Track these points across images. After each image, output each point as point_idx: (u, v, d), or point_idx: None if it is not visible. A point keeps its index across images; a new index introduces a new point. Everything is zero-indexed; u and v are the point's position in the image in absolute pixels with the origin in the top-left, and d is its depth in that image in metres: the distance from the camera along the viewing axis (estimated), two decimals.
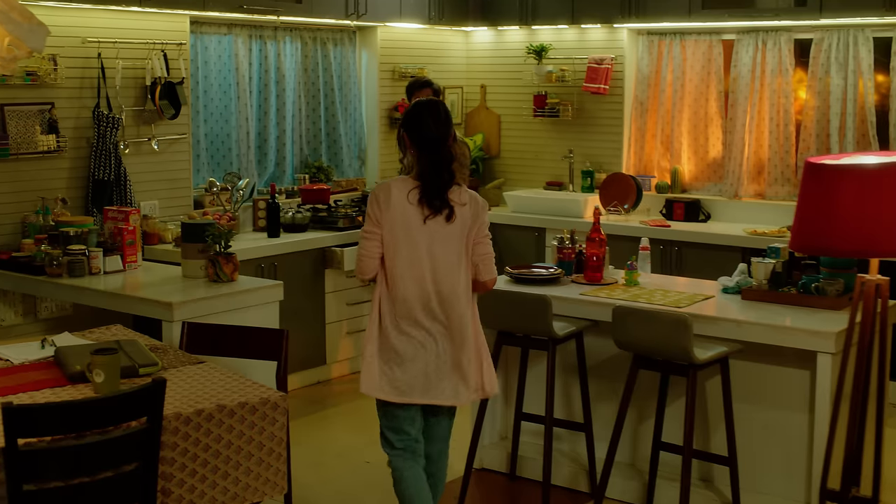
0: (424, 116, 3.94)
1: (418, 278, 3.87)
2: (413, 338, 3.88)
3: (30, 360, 3.82)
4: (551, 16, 7.73)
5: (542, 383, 5.03)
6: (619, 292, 4.91)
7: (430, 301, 3.88)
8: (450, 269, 3.91)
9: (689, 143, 7.58)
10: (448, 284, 3.90)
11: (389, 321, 3.90)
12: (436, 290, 3.88)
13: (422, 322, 3.88)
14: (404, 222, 3.87)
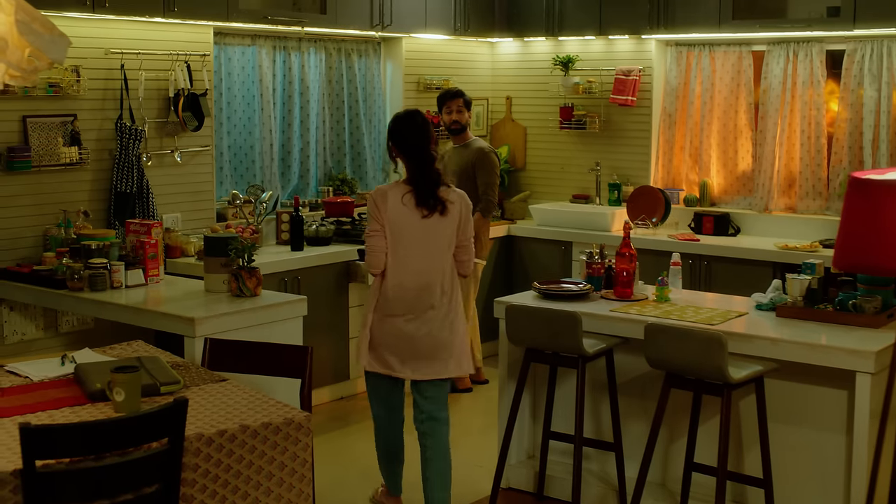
0: (403, 126, 4.56)
1: (411, 271, 4.46)
2: (406, 321, 4.46)
3: (49, 377, 3.74)
4: (578, 27, 7.63)
5: (570, 401, 4.93)
6: (650, 309, 4.80)
7: (422, 289, 4.46)
8: (440, 262, 4.50)
9: (719, 156, 7.46)
10: (438, 275, 4.49)
11: (385, 307, 4.49)
12: (427, 281, 4.47)
13: (413, 307, 4.47)
14: (398, 222, 4.44)
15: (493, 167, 6.64)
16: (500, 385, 5.19)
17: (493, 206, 6.68)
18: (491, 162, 6.64)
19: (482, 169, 6.61)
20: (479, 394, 6.82)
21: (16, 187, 5.50)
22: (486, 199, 6.61)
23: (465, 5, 7.62)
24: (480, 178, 6.60)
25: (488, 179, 6.62)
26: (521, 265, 7.65)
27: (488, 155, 6.66)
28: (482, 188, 6.60)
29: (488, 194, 6.61)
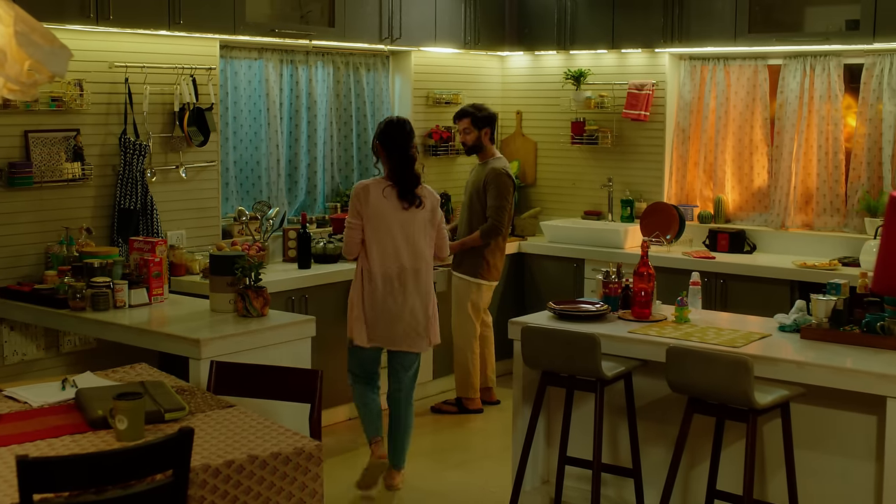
0: (394, 130, 5.25)
1: (392, 255, 5.13)
2: (386, 301, 5.13)
3: (49, 402, 3.60)
4: (590, 41, 7.50)
5: (586, 425, 4.78)
6: (669, 330, 4.65)
7: (401, 273, 5.15)
8: (418, 248, 5.19)
9: (734, 172, 7.32)
10: (415, 260, 5.18)
11: (368, 289, 5.15)
12: (404, 265, 5.15)
13: (393, 289, 5.14)
14: (379, 213, 5.12)
15: (503, 189, 6.41)
16: (514, 408, 5.03)
17: (496, 230, 6.41)
18: (501, 184, 6.42)
19: (492, 191, 6.42)
20: (490, 415, 6.67)
21: (17, 204, 5.37)
22: (490, 221, 6.40)
23: (475, 19, 7.49)
24: (489, 200, 6.43)
25: (496, 202, 6.41)
26: (532, 283, 7.50)
27: (500, 177, 6.44)
28: (489, 210, 6.41)
29: (494, 217, 6.40)
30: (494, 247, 6.50)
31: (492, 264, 6.49)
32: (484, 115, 6.55)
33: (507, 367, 7.44)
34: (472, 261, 6.49)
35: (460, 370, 6.65)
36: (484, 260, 6.48)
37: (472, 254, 6.48)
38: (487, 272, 6.49)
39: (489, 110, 6.61)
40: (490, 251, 6.47)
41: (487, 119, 6.56)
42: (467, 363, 6.61)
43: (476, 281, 6.51)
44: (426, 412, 6.69)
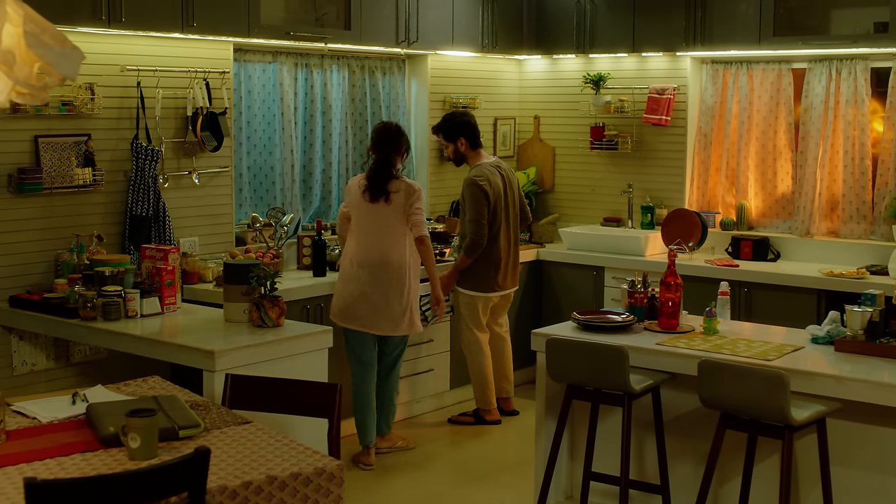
0: (376, 132, 5.75)
1: (368, 244, 5.59)
2: (363, 287, 5.56)
3: (59, 418, 3.46)
4: (610, 44, 7.36)
5: (611, 439, 4.63)
6: (698, 342, 4.50)
7: (373, 262, 5.56)
8: (387, 240, 5.58)
9: (757, 178, 7.16)
10: (384, 251, 5.58)
11: (351, 273, 5.61)
12: (376, 255, 5.57)
13: (370, 276, 5.57)
14: (355, 206, 5.65)
15: (474, 201, 6.19)
16: (536, 420, 4.89)
17: (476, 245, 6.20)
18: (472, 196, 6.21)
19: (466, 204, 6.26)
20: (508, 426, 6.52)
21: (27, 210, 5.24)
22: (469, 237, 6.22)
23: (492, 21, 7.36)
24: (466, 214, 6.27)
25: (470, 215, 6.21)
26: (550, 291, 7.35)
27: (469, 188, 6.24)
28: (467, 225, 6.25)
29: (471, 232, 6.20)
30: (484, 258, 6.30)
31: (481, 275, 6.33)
32: (452, 125, 6.38)
33: (526, 377, 7.31)
34: (465, 272, 6.36)
35: (475, 382, 6.51)
36: (472, 270, 6.33)
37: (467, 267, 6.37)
38: (477, 283, 6.34)
39: (459, 118, 6.43)
40: (482, 262, 6.30)
41: (456, 128, 6.37)
42: (479, 375, 6.46)
43: (467, 293, 6.38)
44: (443, 423, 6.54)
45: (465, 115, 6.50)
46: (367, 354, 5.70)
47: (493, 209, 6.27)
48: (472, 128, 6.41)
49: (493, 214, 6.27)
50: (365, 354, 5.70)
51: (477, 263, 6.31)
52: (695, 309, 5.07)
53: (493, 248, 6.31)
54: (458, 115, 6.48)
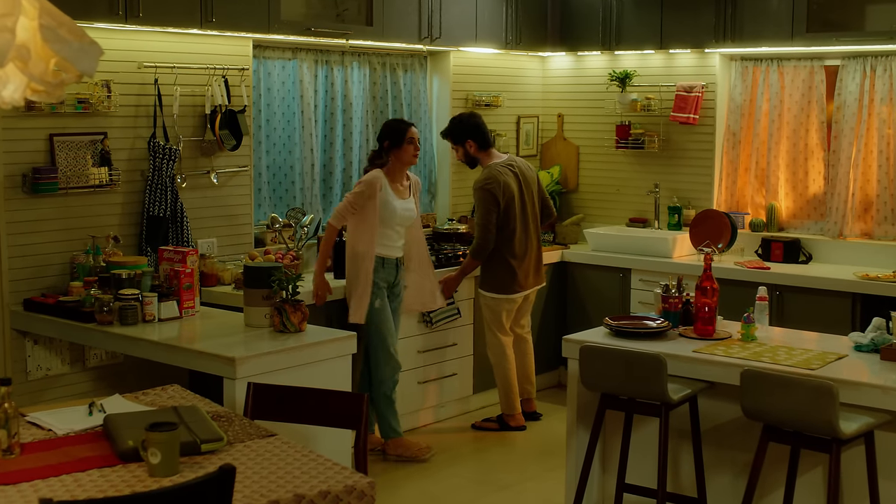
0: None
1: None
2: None
3: (75, 430, 3.31)
4: (637, 41, 7.18)
5: (645, 450, 4.47)
6: (736, 349, 4.32)
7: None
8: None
9: (787, 178, 6.98)
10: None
11: None
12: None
13: None
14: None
15: (482, 205, 6.08)
16: (568, 430, 4.72)
17: (482, 248, 6.09)
18: (480, 199, 6.09)
19: (476, 207, 6.19)
20: (532, 431, 6.36)
21: (41, 211, 5.10)
22: (474, 241, 6.14)
23: (516, 18, 7.19)
24: (475, 217, 6.19)
25: (478, 219, 6.13)
26: (575, 293, 7.18)
27: (478, 191, 6.12)
28: (475, 228, 6.17)
29: (477, 236, 6.10)
30: (502, 259, 6.16)
31: (501, 276, 6.17)
32: (459, 128, 6.25)
33: (549, 381, 7.17)
34: (484, 274, 6.25)
35: (499, 387, 6.35)
36: (494, 272, 6.18)
37: (486, 266, 6.22)
38: (498, 285, 6.19)
39: (466, 119, 6.27)
40: (501, 264, 6.15)
41: (463, 131, 6.23)
42: (503, 380, 6.30)
43: (489, 295, 6.23)
44: (466, 429, 6.38)
45: (473, 116, 6.33)
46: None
47: (506, 210, 6.11)
48: (479, 128, 6.25)
49: (505, 216, 6.12)
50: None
51: (497, 265, 6.16)
52: (726, 313, 4.89)
53: (510, 248, 6.15)
54: (464, 117, 6.31)
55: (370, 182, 5.53)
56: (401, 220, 5.64)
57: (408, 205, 5.68)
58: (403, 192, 5.68)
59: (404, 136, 5.63)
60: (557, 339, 7.12)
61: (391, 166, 5.63)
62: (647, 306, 6.68)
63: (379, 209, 5.51)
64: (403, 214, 5.63)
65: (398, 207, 5.59)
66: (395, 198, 5.59)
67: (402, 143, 5.62)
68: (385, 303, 5.63)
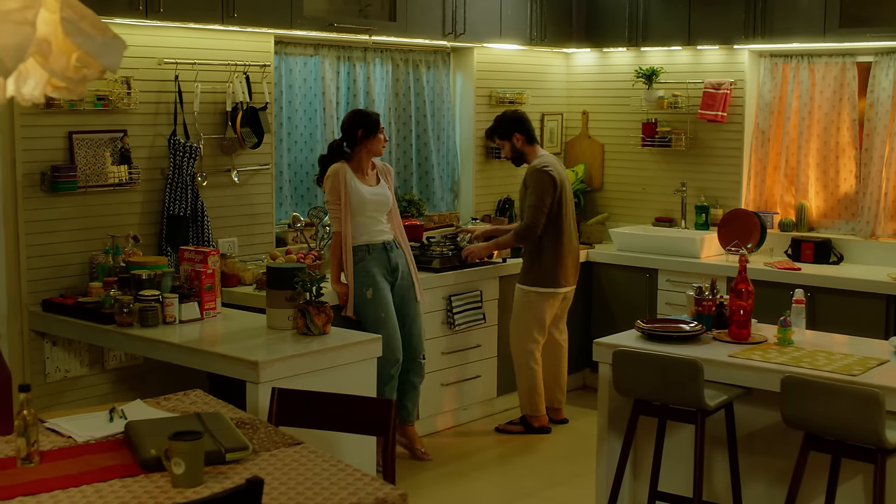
0: None
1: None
2: None
3: (96, 437, 3.21)
4: (664, 37, 7.04)
5: (677, 456, 4.34)
6: (773, 354, 4.19)
7: None
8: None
9: (818, 177, 6.83)
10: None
11: None
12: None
13: None
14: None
15: (538, 187, 5.95)
16: (598, 436, 4.60)
17: (530, 230, 5.96)
18: (538, 181, 5.97)
19: (529, 189, 6.02)
20: (558, 435, 6.24)
21: (60, 210, 5.01)
22: (524, 221, 6.01)
23: (541, 14, 7.06)
24: (527, 199, 6.04)
25: (531, 201, 5.98)
26: (600, 293, 7.05)
27: (535, 174, 6.00)
28: (525, 210, 6.02)
29: (528, 216, 5.97)
30: (552, 249, 6.04)
31: (550, 268, 6.05)
32: (506, 122, 6.14)
33: (575, 382, 7.04)
34: (529, 266, 6.08)
35: (522, 387, 6.22)
36: (541, 264, 6.04)
37: (531, 259, 6.07)
38: (544, 278, 6.05)
39: (511, 114, 6.18)
40: (550, 255, 6.03)
41: (510, 124, 6.12)
42: (528, 380, 6.18)
43: (532, 289, 6.08)
44: (490, 432, 6.27)
45: (516, 111, 6.24)
46: None
47: (560, 199, 6.01)
48: (525, 122, 6.17)
49: (559, 205, 6.01)
50: None
51: (545, 257, 6.03)
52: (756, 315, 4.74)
53: (561, 240, 6.05)
54: (508, 112, 6.23)
55: (333, 178, 5.36)
56: (373, 206, 5.44)
57: (379, 190, 5.49)
58: (370, 179, 5.49)
59: (378, 126, 5.46)
60: (582, 341, 7.05)
61: (358, 156, 5.44)
62: (675, 307, 6.57)
63: (349, 199, 5.34)
64: (375, 199, 5.44)
65: (367, 194, 5.41)
66: (362, 186, 5.41)
67: (377, 132, 5.45)
68: (380, 290, 5.40)
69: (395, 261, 5.51)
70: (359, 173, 5.44)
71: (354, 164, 5.44)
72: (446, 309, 6.04)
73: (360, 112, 5.56)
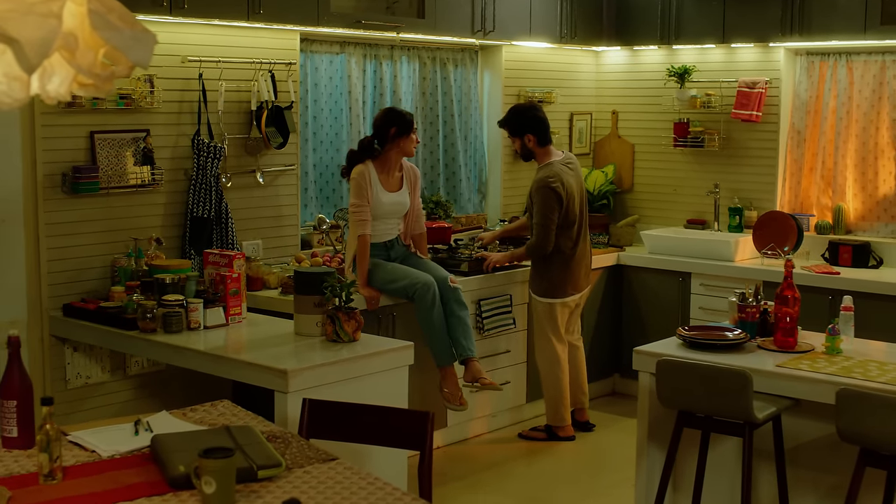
0: None
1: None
2: None
3: (121, 452, 3.06)
4: (697, 34, 6.87)
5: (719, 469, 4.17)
6: (823, 364, 4.02)
7: None
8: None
9: (856, 178, 6.65)
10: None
11: None
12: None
13: None
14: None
15: (543, 204, 5.74)
16: (637, 447, 4.43)
17: (539, 248, 5.77)
18: (543, 198, 5.74)
19: (535, 205, 5.80)
20: (584, 443, 6.07)
21: (81, 212, 4.88)
22: (534, 239, 5.80)
23: (571, 11, 6.90)
24: (534, 215, 5.82)
25: (538, 219, 5.76)
26: (631, 297, 6.88)
27: (541, 189, 5.76)
28: (534, 227, 5.80)
29: (537, 234, 5.76)
30: (561, 261, 5.87)
31: (559, 280, 5.88)
32: (519, 120, 5.89)
33: (602, 389, 6.88)
34: (538, 277, 5.93)
35: (548, 396, 6.06)
36: (549, 275, 5.88)
37: (539, 270, 5.91)
38: (554, 289, 5.90)
39: (529, 112, 5.91)
40: (558, 266, 5.86)
41: (523, 123, 5.88)
42: (554, 389, 6.01)
43: (545, 300, 5.92)
44: (514, 439, 6.11)
45: (534, 108, 5.99)
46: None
47: (567, 211, 5.82)
48: (542, 122, 5.92)
49: (566, 217, 5.83)
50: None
51: (553, 268, 5.87)
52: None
53: (568, 250, 5.87)
54: (525, 109, 5.97)
55: (359, 180, 5.21)
56: (389, 213, 5.33)
57: (398, 198, 5.34)
58: (394, 183, 5.34)
59: (411, 126, 5.30)
60: (611, 346, 6.90)
61: (388, 156, 5.30)
62: (709, 312, 6.41)
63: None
64: (392, 208, 5.32)
65: (386, 202, 5.28)
66: (383, 191, 5.27)
67: (410, 131, 5.29)
68: (378, 260, 5.31)
69: (395, 256, 5.41)
70: (384, 174, 5.30)
71: (382, 163, 5.29)
72: (476, 313, 5.88)
73: (394, 110, 5.42)
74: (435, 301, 5.18)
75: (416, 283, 5.17)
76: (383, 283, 5.25)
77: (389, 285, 5.23)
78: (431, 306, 5.17)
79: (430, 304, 5.16)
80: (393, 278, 5.22)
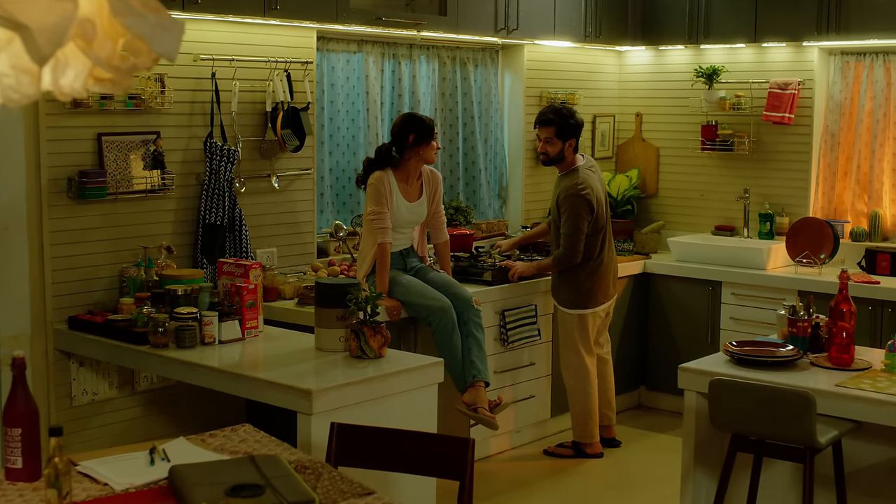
0: None
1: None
2: None
3: (136, 484, 2.79)
4: (727, 33, 6.60)
5: (769, 493, 3.90)
6: (885, 383, 3.75)
7: None
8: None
9: (893, 183, 6.38)
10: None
11: None
12: None
13: None
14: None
15: (573, 214, 5.47)
16: (683, 471, 4.16)
17: (568, 259, 5.51)
18: (573, 206, 5.47)
19: (564, 214, 5.51)
20: (612, 460, 5.79)
21: (88, 219, 4.61)
22: (562, 250, 5.53)
23: (596, 10, 6.63)
24: (561, 225, 5.54)
25: (567, 229, 5.49)
26: (658, 306, 6.61)
27: (571, 197, 5.49)
28: (562, 237, 5.53)
29: (566, 245, 5.50)
30: (589, 270, 5.60)
31: (588, 290, 5.61)
32: (571, 125, 5.60)
33: (628, 402, 6.62)
34: (566, 288, 5.65)
35: (575, 411, 5.78)
36: (577, 285, 5.61)
37: (566, 280, 5.64)
38: (584, 299, 5.63)
39: (577, 117, 5.66)
40: (586, 275, 5.60)
41: (575, 129, 5.61)
42: (581, 404, 5.73)
43: (574, 312, 5.65)
44: (539, 456, 5.84)
45: (574, 112, 5.76)
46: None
47: (596, 219, 5.56)
48: (581, 128, 5.72)
49: (595, 225, 5.56)
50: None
51: (581, 278, 5.60)
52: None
53: (597, 258, 5.61)
54: (572, 114, 5.68)
55: (377, 186, 4.98)
56: (406, 222, 5.11)
57: (417, 208, 5.12)
58: (414, 192, 5.11)
59: (432, 132, 5.07)
60: (637, 357, 6.63)
61: (408, 164, 5.06)
62: (741, 322, 6.16)
63: None
64: (409, 218, 5.10)
65: (405, 211, 5.06)
66: (402, 200, 5.05)
67: (430, 139, 5.05)
68: (398, 273, 5.07)
69: (412, 265, 5.17)
70: (402, 182, 5.05)
71: (401, 171, 5.04)
72: (499, 325, 5.61)
73: (413, 116, 5.16)
74: (454, 327, 4.95)
75: (433, 310, 4.90)
76: (399, 293, 4.99)
77: (406, 301, 4.97)
78: (451, 333, 4.93)
79: (450, 332, 4.92)
80: (407, 300, 4.96)
